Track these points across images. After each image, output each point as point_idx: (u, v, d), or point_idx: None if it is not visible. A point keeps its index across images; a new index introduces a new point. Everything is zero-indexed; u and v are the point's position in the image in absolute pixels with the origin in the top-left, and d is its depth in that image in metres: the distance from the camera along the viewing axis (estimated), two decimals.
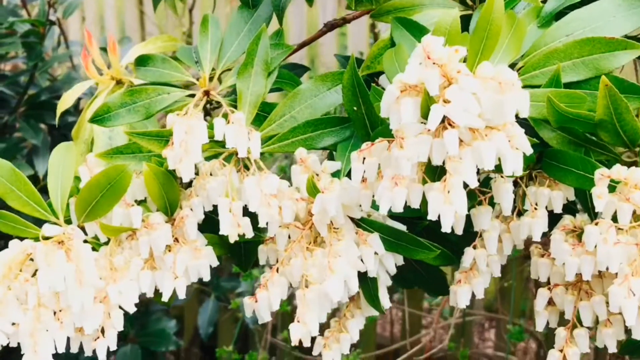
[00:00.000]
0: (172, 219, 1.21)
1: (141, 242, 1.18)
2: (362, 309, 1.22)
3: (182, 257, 1.17)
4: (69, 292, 1.11)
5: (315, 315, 1.09)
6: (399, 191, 1.01)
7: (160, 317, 3.16)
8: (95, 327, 1.15)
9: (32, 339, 1.14)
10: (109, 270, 1.20)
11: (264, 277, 1.17)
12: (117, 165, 1.14)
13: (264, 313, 1.14)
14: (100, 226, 1.19)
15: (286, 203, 1.13)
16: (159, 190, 1.17)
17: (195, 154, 1.12)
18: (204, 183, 1.18)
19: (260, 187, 1.11)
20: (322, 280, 1.11)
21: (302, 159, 1.17)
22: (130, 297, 1.17)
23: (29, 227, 1.22)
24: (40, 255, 1.15)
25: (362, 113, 1.20)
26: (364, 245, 1.13)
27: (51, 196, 1.23)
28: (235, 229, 1.10)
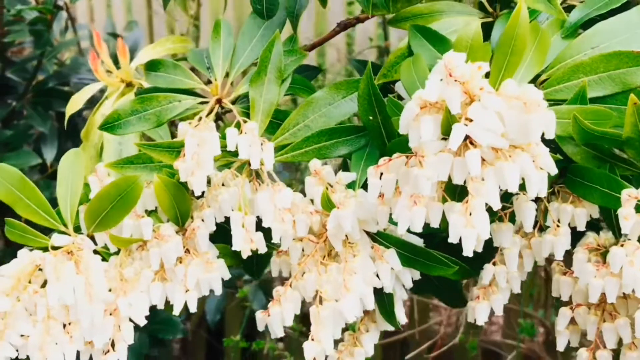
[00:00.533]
0: (183, 229, 1.19)
1: (152, 253, 1.15)
2: (377, 323, 1.19)
3: (193, 270, 1.14)
4: (79, 307, 1.09)
5: (330, 333, 1.07)
6: (418, 211, 0.98)
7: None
8: (105, 340, 1.13)
9: (41, 353, 1.12)
10: (118, 281, 1.17)
11: (277, 291, 1.14)
12: (127, 177, 1.12)
13: (277, 328, 1.12)
14: (110, 237, 1.16)
15: (300, 217, 1.10)
16: (170, 202, 1.14)
17: (207, 167, 1.09)
18: (215, 194, 1.15)
19: (274, 202, 1.08)
20: (336, 296, 1.08)
21: (317, 170, 1.14)
22: (140, 309, 1.15)
23: (37, 237, 1.19)
24: (49, 267, 1.12)
25: (378, 122, 1.16)
26: (380, 261, 1.10)
27: (60, 205, 1.20)
28: (248, 244, 1.08)
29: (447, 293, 1.27)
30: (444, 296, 1.26)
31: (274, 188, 1.09)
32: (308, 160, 1.19)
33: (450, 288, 1.26)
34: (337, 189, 1.14)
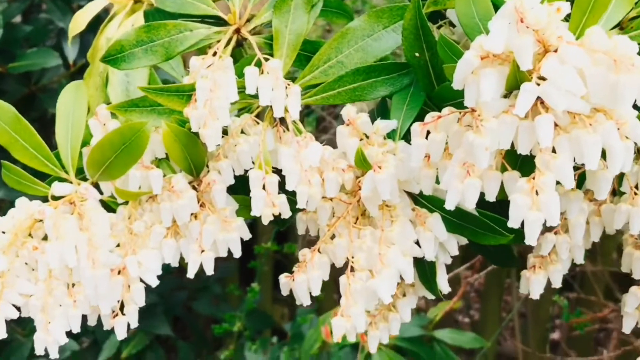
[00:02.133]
0: (198, 179, 1.04)
1: (163, 209, 1.01)
2: (415, 288, 1.06)
3: (210, 230, 1.01)
4: (81, 273, 0.97)
5: (361, 309, 0.94)
6: (471, 183, 0.81)
7: None
8: (113, 304, 1.02)
9: (44, 315, 1.01)
10: (127, 235, 1.05)
11: (303, 255, 1.01)
12: (132, 124, 0.96)
13: (303, 296, 0.99)
14: (115, 190, 1.03)
15: (330, 176, 0.95)
16: (182, 153, 0.99)
17: (223, 117, 0.93)
18: (233, 143, 1.00)
19: (300, 160, 0.92)
20: (370, 266, 0.94)
21: (351, 119, 0.97)
22: (151, 268, 1.02)
23: (36, 184, 1.06)
24: (49, 222, 1.00)
25: (425, 60, 0.98)
26: (423, 228, 0.95)
27: (60, 147, 1.06)
28: (269, 208, 0.93)
29: (496, 251, 1.12)
30: (492, 255, 1.11)
31: (300, 143, 0.93)
32: (341, 103, 1.02)
33: (500, 247, 1.11)
34: (374, 141, 0.97)
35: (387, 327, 1.07)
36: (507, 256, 1.11)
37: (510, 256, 1.11)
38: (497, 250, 1.11)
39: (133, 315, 1.04)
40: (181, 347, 3.21)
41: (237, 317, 2.98)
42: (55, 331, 1.00)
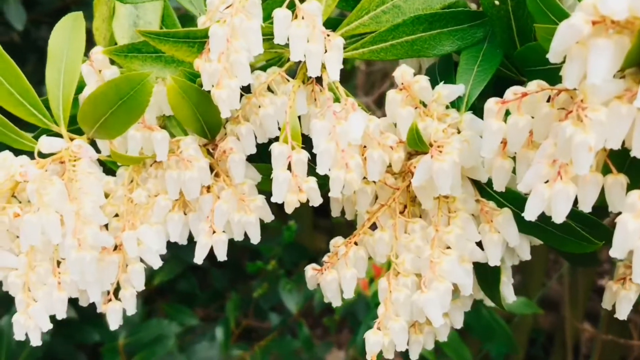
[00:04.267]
0: (213, 142, 0.85)
1: (169, 178, 0.83)
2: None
3: (223, 208, 0.82)
4: (67, 255, 0.80)
5: (403, 324, 0.75)
6: (563, 191, 0.60)
7: None
8: (105, 289, 0.86)
9: (25, 294, 0.85)
10: (127, 203, 0.87)
11: (335, 245, 0.82)
12: (131, 75, 0.77)
13: (333, 298, 0.81)
14: (112, 154, 0.84)
15: (374, 154, 0.74)
16: (191, 112, 0.80)
17: (242, 74, 0.73)
18: (256, 104, 0.80)
19: (336, 137, 0.71)
20: (417, 270, 0.75)
21: (405, 82, 0.76)
22: (154, 247, 0.85)
23: (22, 137, 0.88)
24: (32, 187, 0.82)
25: (506, 10, 0.76)
26: (489, 227, 0.75)
27: (49, 95, 0.87)
28: (294, 194, 0.73)
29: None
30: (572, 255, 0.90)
31: (338, 115, 0.72)
32: (394, 59, 0.80)
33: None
34: (433, 111, 0.76)
35: (432, 331, 0.88)
36: (590, 257, 0.90)
37: (593, 257, 0.90)
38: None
39: (130, 301, 0.87)
40: (215, 275, 3.11)
41: (273, 250, 2.85)
42: (37, 315, 0.84)
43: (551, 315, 3.20)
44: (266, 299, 2.87)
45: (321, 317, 2.91)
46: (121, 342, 2.36)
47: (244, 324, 2.90)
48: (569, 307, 3.02)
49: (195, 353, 2.56)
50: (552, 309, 3.19)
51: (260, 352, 2.65)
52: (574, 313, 2.85)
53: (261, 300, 2.87)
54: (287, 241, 2.85)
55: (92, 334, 2.39)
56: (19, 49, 2.34)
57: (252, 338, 2.94)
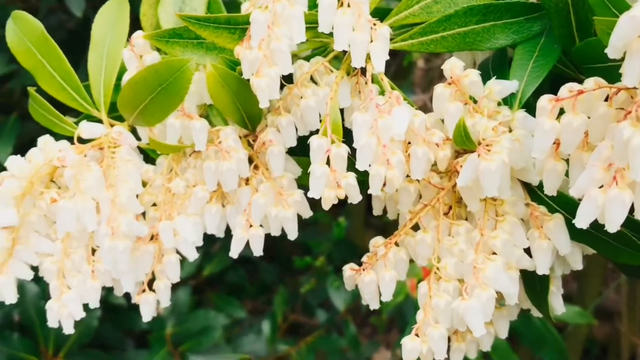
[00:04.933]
0: (253, 134, 0.83)
1: (207, 169, 0.81)
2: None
3: (260, 202, 0.79)
4: (100, 243, 0.79)
5: (443, 331, 0.71)
6: (618, 197, 0.56)
7: None
8: (139, 279, 0.84)
9: (60, 282, 0.85)
10: (165, 193, 0.85)
11: (375, 245, 0.78)
12: (171, 61, 0.75)
13: (371, 300, 0.78)
14: (150, 142, 0.83)
15: (419, 151, 0.70)
16: (231, 101, 0.77)
17: (282, 63, 0.70)
18: (297, 94, 0.77)
19: (377, 131, 0.68)
20: (459, 275, 0.71)
21: (455, 76, 0.72)
22: (190, 239, 0.83)
23: (63, 122, 0.88)
24: (69, 173, 0.81)
25: (565, 3, 0.71)
26: (538, 233, 0.70)
27: (91, 80, 0.86)
28: (332, 190, 0.70)
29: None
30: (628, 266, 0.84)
31: (380, 108, 0.68)
32: (445, 52, 0.76)
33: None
34: (483, 108, 0.72)
35: (475, 339, 0.84)
36: None
37: None
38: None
39: (164, 293, 0.85)
40: (264, 269, 3.11)
41: (323, 245, 2.83)
42: (71, 303, 0.83)
43: (607, 326, 3.08)
44: (314, 295, 2.84)
45: (369, 316, 2.87)
46: (169, 331, 2.36)
47: (291, 319, 2.89)
48: (627, 318, 2.90)
49: (242, 346, 2.56)
50: (608, 320, 3.07)
51: (306, 348, 2.62)
52: (631, 325, 2.74)
53: (309, 296, 2.85)
54: (337, 237, 2.83)
55: (140, 321, 2.40)
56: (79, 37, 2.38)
57: (298, 333, 2.92)
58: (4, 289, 0.83)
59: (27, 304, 2.10)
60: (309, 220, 2.88)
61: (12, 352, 2.00)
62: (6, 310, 2.18)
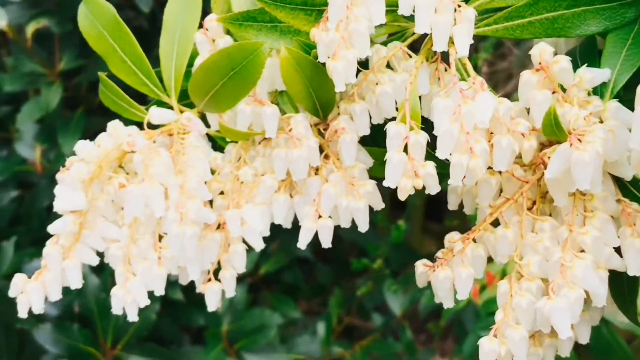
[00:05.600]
0: (324, 122, 0.80)
1: (276, 157, 0.79)
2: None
3: (330, 192, 0.77)
4: (168, 229, 0.77)
5: (524, 333, 0.67)
6: None
7: None
8: (206, 267, 0.82)
9: (125, 268, 0.83)
10: (233, 181, 0.83)
11: (451, 241, 0.74)
12: (244, 44, 0.73)
13: (445, 298, 0.74)
14: (220, 128, 0.81)
15: (503, 141, 0.66)
16: (304, 87, 0.75)
17: (360, 45, 0.67)
18: (373, 81, 0.74)
19: (460, 118, 0.64)
20: (544, 274, 0.67)
21: (544, 62, 0.68)
22: (257, 228, 0.81)
23: (133, 107, 0.87)
24: (139, 158, 0.80)
25: None
26: (630, 231, 0.66)
27: (162, 65, 0.85)
28: (409, 179, 0.67)
29: None
30: None
31: (464, 93, 0.65)
32: (531, 38, 0.72)
33: None
34: (573, 97, 0.67)
35: (553, 345, 0.79)
36: None
37: None
38: None
39: (230, 282, 0.83)
40: (320, 270, 3.09)
41: (381, 249, 2.79)
42: (135, 289, 0.82)
43: None
44: (370, 298, 2.80)
45: (426, 322, 2.82)
46: (224, 328, 2.36)
47: (346, 321, 2.85)
48: None
49: (296, 346, 2.54)
50: None
51: (361, 351, 2.59)
52: None
53: (365, 299, 2.82)
54: (395, 241, 2.78)
55: (197, 317, 2.42)
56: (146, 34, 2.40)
57: (353, 336, 2.89)
58: (71, 273, 0.83)
59: (87, 295, 2.12)
60: None
61: (72, 343, 2.02)
62: (67, 302, 2.21)
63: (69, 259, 0.83)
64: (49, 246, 0.83)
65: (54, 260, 0.82)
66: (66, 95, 2.23)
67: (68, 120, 2.25)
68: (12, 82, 2.26)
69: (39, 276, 0.84)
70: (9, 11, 2.15)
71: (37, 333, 1.92)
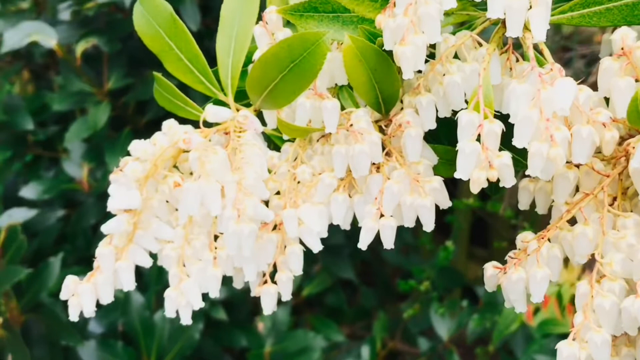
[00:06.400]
0: (387, 118, 0.77)
1: (336, 153, 0.76)
2: None
3: (394, 189, 0.73)
4: (225, 227, 0.74)
5: (606, 338, 0.62)
6: None
7: None
8: (262, 269, 0.79)
9: (179, 270, 0.81)
10: (290, 181, 0.81)
11: (524, 240, 0.70)
12: (305, 34, 0.70)
13: (517, 302, 0.69)
14: (278, 123, 0.78)
15: (583, 131, 0.62)
16: (367, 79, 0.72)
17: (430, 30, 0.64)
18: (440, 71, 0.70)
19: (540, 103, 0.60)
20: (628, 274, 0.62)
21: (627, 48, 0.64)
22: (315, 228, 0.77)
23: (189, 105, 0.85)
24: (194, 155, 0.78)
25: None
26: None
27: (219, 63, 0.83)
28: (483, 170, 0.63)
29: None
30: None
31: (543, 77, 0.61)
32: (609, 26, 0.68)
33: None
34: None
35: (632, 353, 0.74)
36: None
37: None
38: None
39: (286, 285, 0.80)
40: (364, 293, 3.04)
41: (426, 272, 2.73)
42: (189, 291, 0.79)
43: None
44: (415, 322, 2.74)
45: (474, 347, 2.74)
46: (267, 350, 2.33)
47: (390, 345, 2.79)
48: None
49: None
50: None
51: None
52: None
53: (410, 323, 2.75)
54: (442, 264, 2.73)
55: (240, 338, 2.39)
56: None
57: None
58: (123, 275, 0.80)
59: (131, 313, 2.11)
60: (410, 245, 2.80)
61: None
62: (111, 320, 2.20)
63: (122, 259, 0.81)
64: (102, 246, 0.81)
65: (107, 261, 0.80)
66: (113, 115, 2.24)
67: (115, 140, 2.27)
68: (60, 102, 2.28)
69: (91, 278, 0.82)
70: (59, 31, 2.18)
71: (82, 350, 1.91)
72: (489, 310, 2.53)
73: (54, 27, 2.14)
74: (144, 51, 2.45)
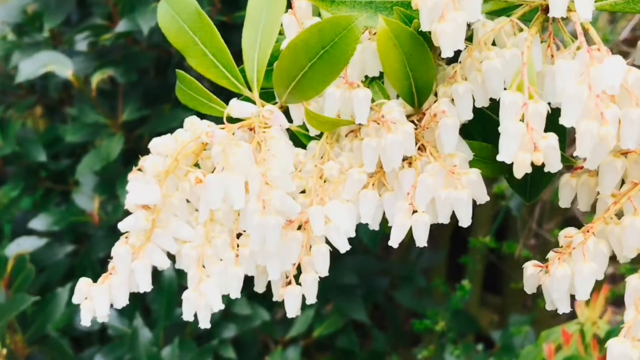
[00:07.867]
0: (420, 112, 0.74)
1: (366, 147, 0.72)
2: None
3: (428, 182, 0.69)
4: (248, 221, 0.71)
5: None
6: None
7: None
8: (286, 268, 0.75)
9: (199, 270, 0.77)
10: (316, 179, 0.77)
11: (566, 236, 0.66)
12: (336, 18, 0.68)
13: (560, 301, 0.65)
14: (305, 114, 0.75)
15: (632, 114, 0.59)
16: (401, 65, 0.69)
17: (471, 7, 0.61)
18: (478, 58, 0.67)
19: (589, 80, 0.57)
20: None
21: None
22: (342, 227, 0.73)
23: (212, 102, 0.82)
24: (217, 147, 0.75)
25: None
26: None
27: (245, 57, 0.80)
28: (527, 153, 0.59)
29: None
30: None
31: (592, 54, 0.58)
32: None
33: None
34: None
35: None
36: None
37: None
38: None
39: (311, 287, 0.75)
40: (376, 336, 2.97)
41: (440, 315, 2.66)
42: (209, 292, 0.75)
43: None
44: None
45: None
46: None
47: None
48: None
49: None
50: None
51: None
52: None
53: None
54: (457, 306, 2.66)
55: None
56: None
57: None
58: (140, 275, 0.76)
59: (139, 349, 2.06)
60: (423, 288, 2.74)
61: None
62: (118, 355, 2.15)
63: (138, 259, 0.77)
64: (117, 245, 0.77)
65: (122, 261, 0.76)
66: (127, 148, 2.22)
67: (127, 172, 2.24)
68: (74, 133, 2.27)
69: (106, 280, 0.78)
70: (75, 62, 2.18)
71: None
72: (505, 354, 2.46)
73: (70, 58, 2.14)
74: (159, 87, 2.45)
